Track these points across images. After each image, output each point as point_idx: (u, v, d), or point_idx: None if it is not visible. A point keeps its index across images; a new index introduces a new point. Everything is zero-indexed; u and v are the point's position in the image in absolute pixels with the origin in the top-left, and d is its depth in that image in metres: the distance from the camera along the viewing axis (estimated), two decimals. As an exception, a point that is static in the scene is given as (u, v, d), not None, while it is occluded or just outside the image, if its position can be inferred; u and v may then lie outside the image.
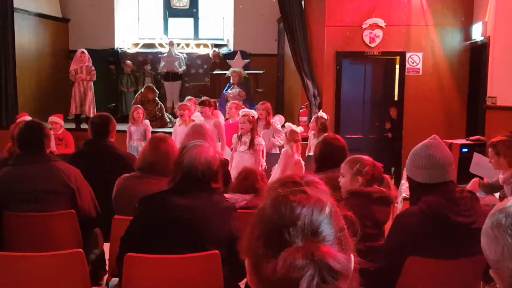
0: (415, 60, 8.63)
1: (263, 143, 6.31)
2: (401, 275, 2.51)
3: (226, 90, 10.24)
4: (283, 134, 6.38)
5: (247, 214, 3.37)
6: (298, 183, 1.06)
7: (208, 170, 2.57)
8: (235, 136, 6.42)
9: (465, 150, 5.37)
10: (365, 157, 3.09)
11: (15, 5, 9.74)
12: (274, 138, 7.01)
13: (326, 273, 0.88)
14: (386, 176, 3.16)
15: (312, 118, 6.78)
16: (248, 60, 11.75)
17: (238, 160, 6.09)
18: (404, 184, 5.77)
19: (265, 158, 6.36)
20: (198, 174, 2.55)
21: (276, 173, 5.92)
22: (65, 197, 3.35)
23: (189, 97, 9.01)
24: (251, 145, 6.10)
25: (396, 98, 8.95)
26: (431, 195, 2.51)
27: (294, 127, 6.25)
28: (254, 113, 6.55)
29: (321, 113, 6.78)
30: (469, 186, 4.40)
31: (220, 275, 2.54)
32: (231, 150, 6.50)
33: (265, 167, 6.13)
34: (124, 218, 3.19)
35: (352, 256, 0.96)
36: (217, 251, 2.51)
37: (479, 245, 2.49)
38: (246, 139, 6.15)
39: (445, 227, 2.46)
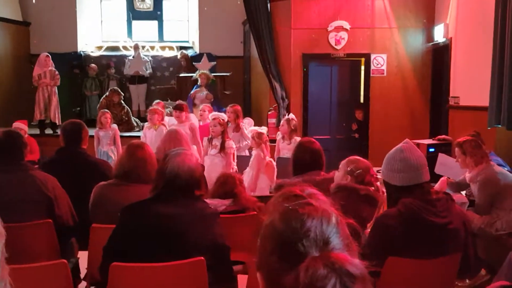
0: (379, 61, 8.82)
1: (234, 146, 6.33)
2: (381, 276, 2.58)
3: (194, 91, 10.21)
4: (250, 140, 6.40)
5: (226, 219, 3.40)
6: (300, 196, 1.10)
7: (191, 178, 2.59)
8: (205, 139, 6.42)
9: (432, 150, 5.53)
10: (364, 161, 3.16)
11: (-26, 8, 9.47)
12: (244, 141, 7.03)
13: (347, 279, 0.93)
14: (378, 185, 3.21)
15: (282, 121, 6.82)
16: (215, 63, 11.74)
17: (209, 163, 6.09)
18: (374, 184, 5.90)
19: (235, 161, 6.38)
20: (181, 182, 2.56)
21: (248, 176, 5.94)
22: (43, 206, 3.30)
23: (158, 100, 8.95)
24: (222, 148, 6.11)
25: (362, 99, 9.13)
26: (408, 197, 2.60)
27: (259, 129, 6.29)
28: (224, 116, 6.57)
29: (292, 115, 6.85)
30: (437, 186, 4.55)
31: (205, 281, 2.55)
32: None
33: (236, 170, 6.15)
34: (103, 226, 3.17)
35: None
36: (202, 258, 2.53)
37: (454, 244, 2.61)
38: (217, 142, 6.16)
39: (423, 228, 2.55)
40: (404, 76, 8.89)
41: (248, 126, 7.48)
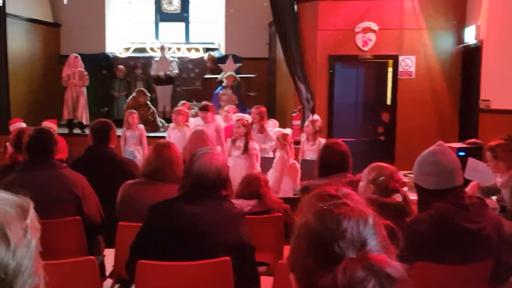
0: (408, 63, 8.71)
1: (258, 147, 6.31)
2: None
3: (219, 92, 10.25)
4: (274, 141, 6.37)
5: (251, 219, 3.39)
6: (334, 196, 1.07)
7: (218, 178, 2.59)
8: (229, 140, 6.42)
9: (462, 153, 5.42)
10: (388, 167, 3.06)
11: (7, 10, 9.67)
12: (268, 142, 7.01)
13: (386, 282, 0.91)
14: (404, 190, 3.13)
15: (307, 122, 6.79)
16: (240, 64, 11.76)
17: (232, 164, 6.07)
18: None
19: (259, 162, 6.36)
20: (208, 182, 2.57)
21: (271, 178, 5.92)
22: (72, 204, 3.35)
23: (183, 101, 9.00)
24: (246, 149, 6.09)
25: (389, 101, 9.03)
26: (440, 201, 2.53)
27: (283, 130, 6.27)
28: (248, 117, 6.56)
29: (316, 116, 6.80)
30: (468, 190, 4.45)
31: (231, 281, 2.55)
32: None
33: (259, 172, 6.13)
34: (129, 224, 3.19)
35: None
36: (228, 258, 2.52)
37: (487, 251, 2.54)
38: (240, 143, 6.15)
39: (454, 233, 2.48)
40: (433, 78, 8.76)
41: (273, 127, 7.46)
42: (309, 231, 1.02)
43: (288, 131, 6.32)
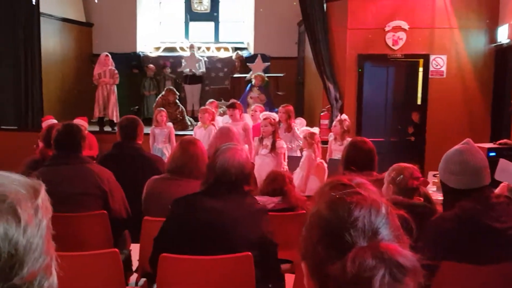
0: (439, 62, 8.56)
1: (285, 146, 6.30)
2: (435, 281, 2.48)
3: (247, 91, 10.27)
4: (301, 140, 6.34)
5: (275, 216, 3.39)
6: (348, 185, 1.07)
7: (241, 173, 2.60)
8: (256, 139, 6.42)
9: (492, 154, 5.31)
10: (408, 166, 3.02)
11: (41, 9, 9.90)
12: (296, 141, 6.99)
13: (397, 271, 0.89)
14: (425, 189, 3.09)
15: (335, 121, 6.73)
16: (269, 63, 11.77)
17: (259, 163, 6.08)
18: (430, 188, 5.73)
19: (286, 161, 6.35)
20: (231, 177, 2.58)
21: (298, 177, 5.90)
22: (98, 198, 3.41)
23: (211, 100, 9.05)
24: (273, 148, 6.09)
25: (419, 101, 8.89)
26: (467, 200, 2.49)
27: (311, 129, 6.23)
28: (275, 116, 6.55)
29: (344, 116, 6.74)
30: (497, 191, 4.35)
31: (252, 276, 2.55)
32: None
33: (286, 171, 6.12)
34: (154, 219, 3.23)
35: None
36: (250, 253, 2.53)
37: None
38: (268, 142, 6.15)
39: (481, 233, 2.43)
40: (464, 78, 8.59)
41: (300, 126, 7.43)
42: (320, 219, 1.01)
43: (315, 130, 6.29)
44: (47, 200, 0.96)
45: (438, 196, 4.97)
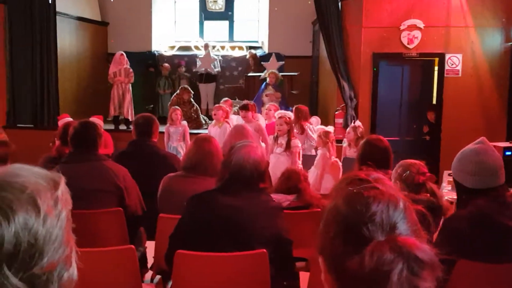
0: (454, 61, 8.49)
1: (300, 145, 6.29)
2: (452, 280, 2.47)
3: (262, 90, 10.27)
4: (315, 141, 6.32)
5: (290, 214, 3.39)
6: (365, 180, 1.07)
7: (256, 170, 2.60)
8: (271, 137, 6.42)
9: (508, 153, 5.27)
10: (414, 162, 3.03)
11: (57, 9, 10.00)
12: (309, 141, 6.97)
13: (415, 265, 0.89)
14: (433, 185, 3.08)
15: (349, 128, 6.68)
16: (283, 62, 11.76)
17: (274, 161, 6.08)
18: (445, 188, 5.69)
19: (301, 160, 6.34)
20: (246, 174, 2.59)
21: (313, 175, 5.89)
22: (114, 195, 3.44)
23: (226, 98, 9.07)
24: (288, 147, 6.09)
25: (434, 100, 8.83)
26: (481, 199, 2.47)
27: (326, 128, 6.21)
28: (290, 114, 6.54)
29: (358, 123, 6.69)
30: None
31: (267, 274, 2.56)
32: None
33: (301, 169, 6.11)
34: (170, 216, 3.25)
35: None
36: (265, 250, 2.53)
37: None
38: (283, 141, 6.15)
39: (496, 231, 2.41)
40: (480, 77, 8.51)
41: (316, 125, 7.40)
42: (338, 214, 1.02)
43: (330, 128, 6.26)
44: (67, 192, 0.98)
45: (453, 195, 4.95)
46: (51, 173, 0.97)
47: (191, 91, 10.77)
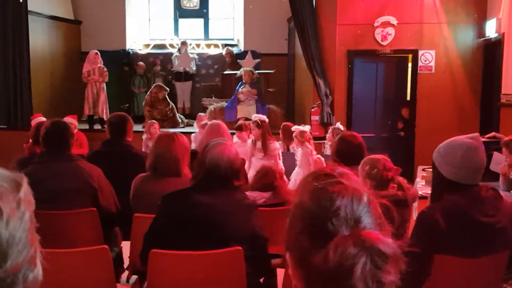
0: (427, 58, 8.61)
1: (278, 146, 6.25)
2: (430, 275, 2.49)
3: (238, 88, 10.26)
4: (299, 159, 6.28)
5: (266, 212, 3.40)
6: (330, 175, 1.07)
7: (230, 168, 2.60)
8: (249, 141, 6.38)
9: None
10: (379, 158, 3.07)
11: (29, 7, 9.83)
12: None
13: (378, 258, 0.90)
14: (400, 178, 3.13)
15: (329, 130, 6.71)
16: (259, 60, 11.77)
17: (257, 165, 6.00)
18: (419, 183, 5.77)
19: (281, 160, 6.32)
20: (221, 172, 2.58)
21: (298, 175, 5.87)
22: (88, 195, 3.39)
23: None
24: (265, 150, 6.06)
25: (408, 97, 8.95)
26: (456, 194, 2.48)
27: (300, 127, 6.20)
28: (263, 117, 6.45)
29: (338, 125, 6.72)
30: (500, 168, 4.47)
31: (243, 271, 2.56)
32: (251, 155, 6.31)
33: (283, 169, 6.10)
34: (145, 216, 3.22)
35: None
36: (240, 248, 2.53)
37: (502, 243, 2.49)
38: (260, 145, 6.14)
39: (469, 227, 2.44)
40: (453, 73, 8.65)
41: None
42: (303, 209, 1.02)
43: (306, 128, 6.25)
44: (30, 193, 0.96)
45: (427, 190, 5.02)
46: (13, 174, 0.95)
47: (166, 88, 10.70)
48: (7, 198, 0.89)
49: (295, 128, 6.34)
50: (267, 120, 6.44)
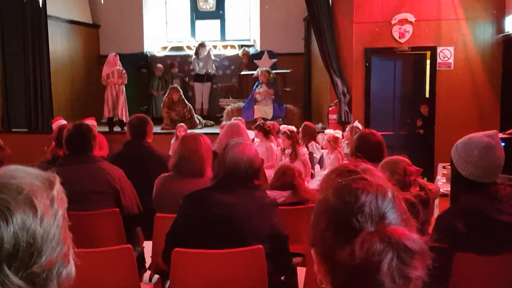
0: (446, 54, 8.53)
1: (306, 151, 6.30)
2: (452, 274, 2.48)
3: (255, 88, 10.27)
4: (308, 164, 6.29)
5: (285, 210, 3.41)
6: (354, 171, 1.08)
7: (250, 168, 2.62)
8: (279, 149, 6.46)
9: (502, 144, 5.30)
10: (398, 161, 3.01)
11: (48, 12, 9.98)
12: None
13: (404, 254, 0.91)
14: (421, 180, 3.10)
15: (347, 129, 6.69)
16: (275, 60, 11.78)
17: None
18: (440, 180, 5.73)
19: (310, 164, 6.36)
20: (241, 172, 2.60)
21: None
22: (110, 197, 3.45)
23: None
24: (295, 156, 6.11)
25: (427, 94, 8.87)
26: (474, 194, 2.46)
27: (334, 132, 6.14)
28: (292, 128, 6.43)
29: (357, 123, 6.70)
30: None
31: (264, 269, 2.58)
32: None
33: (312, 173, 6.18)
34: (166, 215, 3.26)
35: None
36: (261, 246, 2.55)
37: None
38: (288, 152, 6.22)
39: (488, 227, 2.42)
40: (472, 69, 8.55)
41: (321, 143, 7.19)
42: (328, 206, 1.03)
43: (338, 134, 6.22)
44: (62, 191, 0.99)
45: (448, 188, 4.98)
46: (46, 174, 0.99)
47: (180, 90, 10.75)
48: (41, 196, 0.92)
49: (328, 132, 6.29)
50: (295, 129, 6.45)
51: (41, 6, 9.53)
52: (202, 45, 12.25)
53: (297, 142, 6.23)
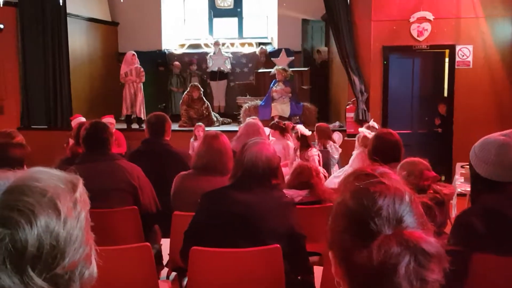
0: (465, 53, 8.44)
1: (316, 153, 6.28)
2: (470, 275, 2.46)
3: (272, 86, 10.27)
4: (336, 157, 6.30)
5: (302, 209, 3.41)
6: (371, 175, 1.09)
7: (268, 167, 2.64)
8: (292, 148, 6.48)
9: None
10: (417, 163, 3.00)
11: (68, 10, 10.08)
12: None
13: (421, 257, 0.92)
14: (436, 187, 3.08)
15: (364, 126, 6.64)
16: (293, 58, 11.75)
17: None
18: (458, 180, 5.68)
19: (321, 163, 6.36)
20: (259, 171, 2.62)
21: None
22: (128, 194, 3.48)
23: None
24: (304, 159, 6.12)
25: (446, 93, 8.79)
26: (493, 193, 2.45)
27: (366, 132, 6.12)
28: (305, 131, 6.42)
29: (373, 123, 6.64)
30: None
31: (281, 268, 2.59)
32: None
33: (324, 173, 6.17)
34: (184, 214, 3.29)
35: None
36: (278, 245, 2.57)
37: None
38: (298, 152, 6.24)
39: (508, 227, 2.40)
40: (491, 67, 8.45)
41: (338, 142, 7.20)
42: (346, 209, 1.05)
43: (372, 134, 6.18)
44: (85, 193, 1.01)
45: (466, 187, 4.95)
46: (69, 176, 1.00)
47: (201, 88, 10.81)
48: (64, 198, 0.94)
49: (361, 130, 6.22)
50: (308, 133, 6.40)
51: (61, 4, 9.62)
52: (216, 43, 12.30)
53: (307, 145, 6.22)
